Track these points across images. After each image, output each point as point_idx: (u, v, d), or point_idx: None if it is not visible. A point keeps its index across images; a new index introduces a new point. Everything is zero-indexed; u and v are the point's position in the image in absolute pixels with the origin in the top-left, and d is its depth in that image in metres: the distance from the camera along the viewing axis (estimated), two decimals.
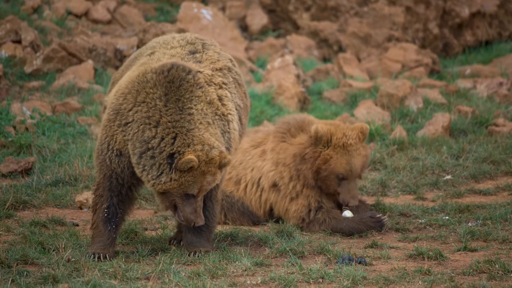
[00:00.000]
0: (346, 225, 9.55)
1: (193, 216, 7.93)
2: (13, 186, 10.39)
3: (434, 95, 15.33)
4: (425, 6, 20.20)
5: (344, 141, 9.62)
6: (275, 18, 20.93)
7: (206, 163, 7.88)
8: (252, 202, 9.97)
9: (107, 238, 8.08)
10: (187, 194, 7.90)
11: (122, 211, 8.14)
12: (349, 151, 9.63)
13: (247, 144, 10.19)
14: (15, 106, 13.03)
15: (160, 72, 8.04)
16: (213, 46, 8.64)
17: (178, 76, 8.05)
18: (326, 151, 9.65)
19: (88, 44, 16.05)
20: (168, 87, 8.02)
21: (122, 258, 8.04)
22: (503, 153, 12.36)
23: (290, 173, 9.78)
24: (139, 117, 7.95)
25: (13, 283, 7.29)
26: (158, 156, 7.84)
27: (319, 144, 9.67)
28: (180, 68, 8.09)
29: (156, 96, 7.99)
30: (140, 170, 7.88)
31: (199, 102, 8.08)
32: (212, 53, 8.52)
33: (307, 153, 9.68)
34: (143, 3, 20.49)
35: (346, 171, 9.62)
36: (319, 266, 7.86)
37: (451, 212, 10.15)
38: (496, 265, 7.88)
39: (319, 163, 9.64)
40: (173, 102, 7.98)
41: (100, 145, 8.08)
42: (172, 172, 7.84)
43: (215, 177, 7.96)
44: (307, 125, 9.89)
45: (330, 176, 9.64)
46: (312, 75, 17.67)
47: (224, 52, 8.69)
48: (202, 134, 7.93)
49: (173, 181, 7.84)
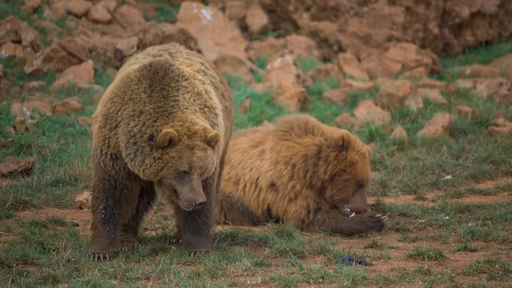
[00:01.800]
0: (346, 225, 9.55)
1: (191, 194, 7.87)
2: (13, 186, 10.39)
3: (434, 95, 15.33)
4: (425, 6, 20.20)
5: (364, 150, 9.73)
6: (275, 18, 20.92)
7: (189, 137, 7.85)
8: (251, 202, 9.98)
9: (106, 239, 8.10)
10: (179, 173, 7.86)
11: (119, 212, 8.14)
12: (366, 161, 9.73)
13: (246, 144, 10.18)
14: (15, 106, 13.03)
15: (143, 68, 8.09)
16: (179, 53, 8.64)
17: (161, 67, 8.09)
18: (352, 154, 9.67)
19: (88, 44, 16.05)
20: (152, 78, 8.05)
21: (122, 258, 8.04)
22: (503, 153, 12.36)
23: (292, 171, 9.77)
24: (126, 115, 7.98)
25: (13, 283, 7.29)
26: (140, 140, 7.87)
27: (344, 149, 9.69)
28: (162, 61, 8.17)
29: (141, 90, 8.02)
30: (129, 162, 7.92)
31: (186, 92, 8.09)
32: (182, 59, 8.53)
33: (330, 155, 9.67)
34: (143, 3, 20.49)
35: (367, 178, 9.70)
36: (319, 266, 7.86)
37: (451, 212, 10.15)
38: (496, 265, 7.88)
39: (345, 165, 9.64)
40: (158, 91, 8.01)
41: (94, 150, 8.13)
42: (154, 152, 7.84)
43: (207, 153, 7.90)
44: (312, 127, 9.90)
45: (351, 180, 9.64)
46: (312, 75, 17.67)
47: (194, 57, 8.67)
48: (185, 116, 7.92)
49: (157, 161, 7.83)
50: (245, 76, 17.11)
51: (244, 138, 10.28)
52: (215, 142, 7.93)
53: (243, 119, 14.63)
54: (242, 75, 17.09)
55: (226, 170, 10.09)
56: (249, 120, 14.66)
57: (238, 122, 14.37)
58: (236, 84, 16.47)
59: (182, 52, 8.65)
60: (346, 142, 9.68)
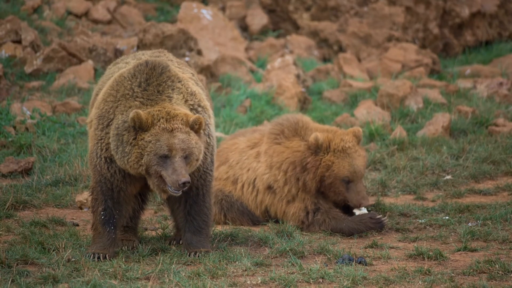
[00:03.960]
0: (346, 225, 9.55)
1: (174, 175, 7.78)
2: (13, 186, 10.39)
3: (434, 95, 15.33)
4: (425, 6, 20.20)
5: (343, 145, 9.63)
6: (275, 18, 20.93)
7: (168, 120, 7.79)
8: (249, 202, 9.97)
9: (106, 239, 8.11)
10: (161, 157, 7.79)
11: (119, 213, 8.15)
12: (349, 154, 9.64)
13: (244, 144, 10.18)
14: (15, 106, 13.03)
15: (139, 64, 8.06)
16: (170, 61, 8.59)
17: (159, 65, 8.07)
18: (326, 157, 9.63)
19: (88, 44, 16.04)
20: (149, 73, 8.03)
21: (122, 258, 8.04)
22: (503, 153, 12.36)
23: (285, 177, 9.75)
24: (118, 111, 7.96)
25: (13, 283, 7.30)
26: (121, 129, 7.85)
27: (319, 151, 9.65)
28: (159, 60, 8.15)
29: (135, 85, 8.00)
30: (115, 157, 7.90)
31: (179, 93, 8.07)
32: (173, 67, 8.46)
33: (309, 163, 9.65)
34: (143, 3, 20.49)
35: (350, 173, 9.61)
36: (319, 266, 7.86)
37: (451, 212, 10.15)
38: (496, 265, 7.88)
39: (321, 170, 9.61)
40: (154, 86, 7.99)
41: (90, 153, 8.14)
42: (130, 138, 7.81)
43: (189, 136, 7.82)
44: (302, 127, 9.85)
45: (335, 182, 9.61)
46: (312, 75, 17.67)
47: (184, 67, 8.63)
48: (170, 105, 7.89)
49: (134, 147, 7.79)
50: (245, 76, 17.11)
51: (243, 138, 10.28)
52: (198, 125, 7.85)
53: (243, 119, 14.63)
54: (242, 75, 17.09)
55: (225, 169, 10.09)
56: (249, 120, 14.66)
57: (238, 122, 14.37)
58: (236, 84, 16.47)
59: (173, 61, 8.62)
60: (320, 145, 9.63)
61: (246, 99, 15.56)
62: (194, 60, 15.87)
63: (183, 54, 15.98)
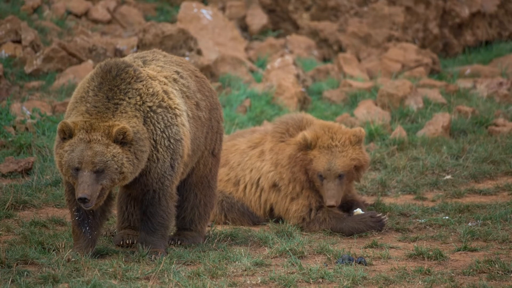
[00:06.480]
0: (346, 224, 9.56)
1: (76, 190, 7.68)
2: (13, 186, 10.39)
3: (434, 95, 15.33)
4: (425, 6, 20.20)
5: (329, 142, 9.70)
6: (275, 18, 20.92)
7: (88, 131, 7.68)
8: (252, 202, 9.99)
9: (83, 240, 8.05)
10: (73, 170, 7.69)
11: (93, 213, 8.06)
12: (332, 152, 9.68)
13: (245, 145, 10.19)
14: (15, 106, 13.03)
15: (98, 66, 7.97)
16: (155, 60, 8.48)
17: (116, 66, 7.93)
18: (312, 152, 9.72)
19: (88, 44, 16.04)
20: (103, 76, 7.91)
21: (122, 258, 8.04)
22: (503, 153, 12.36)
23: (288, 174, 9.81)
24: (74, 114, 7.89)
25: (13, 283, 7.29)
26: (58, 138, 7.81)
27: (309, 148, 9.75)
28: (120, 61, 8.00)
29: (91, 88, 7.91)
30: None
31: (135, 95, 7.91)
32: (154, 66, 8.38)
33: (298, 156, 9.75)
34: (143, 3, 20.49)
35: (324, 170, 9.65)
36: (319, 266, 7.86)
37: (451, 212, 10.15)
38: (496, 265, 7.88)
39: (305, 163, 9.72)
40: (104, 92, 7.87)
41: None
42: (58, 146, 7.77)
43: (107, 149, 7.65)
44: (306, 124, 9.93)
45: (314, 176, 9.71)
46: (312, 75, 17.67)
47: (171, 65, 8.50)
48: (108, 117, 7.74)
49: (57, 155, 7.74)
50: (245, 76, 17.11)
51: (242, 139, 10.29)
52: (122, 136, 7.71)
53: (243, 119, 14.64)
54: (242, 75, 17.09)
55: (225, 171, 10.11)
56: (249, 120, 14.67)
57: (238, 122, 14.38)
58: (236, 84, 16.47)
59: (159, 60, 8.50)
60: (309, 144, 9.71)
61: (246, 99, 15.56)
62: (194, 60, 15.87)
63: (183, 54, 15.99)
